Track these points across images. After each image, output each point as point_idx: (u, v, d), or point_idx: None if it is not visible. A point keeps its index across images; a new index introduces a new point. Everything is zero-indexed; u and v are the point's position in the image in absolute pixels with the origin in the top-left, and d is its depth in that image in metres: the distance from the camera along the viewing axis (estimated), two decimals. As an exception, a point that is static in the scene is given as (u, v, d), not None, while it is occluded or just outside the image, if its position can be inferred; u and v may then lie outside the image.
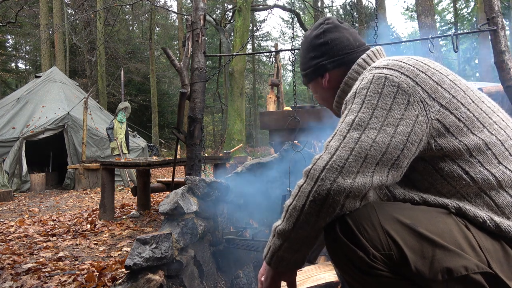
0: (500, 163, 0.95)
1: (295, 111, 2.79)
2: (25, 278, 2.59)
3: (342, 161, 0.88)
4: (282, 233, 0.96)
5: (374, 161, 0.89)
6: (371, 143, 0.89)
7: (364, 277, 0.89)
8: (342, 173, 0.87)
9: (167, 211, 2.06)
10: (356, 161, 0.88)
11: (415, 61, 1.03)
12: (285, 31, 32.89)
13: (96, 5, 14.75)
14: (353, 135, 0.91)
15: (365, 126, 0.92)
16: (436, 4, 25.12)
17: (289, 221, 0.94)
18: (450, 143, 0.95)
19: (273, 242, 1.01)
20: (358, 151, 0.89)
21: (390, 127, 0.91)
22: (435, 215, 0.91)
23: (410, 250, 0.85)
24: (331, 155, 0.90)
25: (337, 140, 0.93)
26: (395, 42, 4.90)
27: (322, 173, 0.88)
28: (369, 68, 1.06)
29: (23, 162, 8.52)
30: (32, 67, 22.55)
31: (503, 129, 1.00)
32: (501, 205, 0.93)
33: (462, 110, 0.97)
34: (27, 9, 15.69)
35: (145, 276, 1.76)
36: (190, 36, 3.20)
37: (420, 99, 0.94)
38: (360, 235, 0.88)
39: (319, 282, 1.78)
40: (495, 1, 2.67)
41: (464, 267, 0.83)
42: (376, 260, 0.87)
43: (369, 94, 0.96)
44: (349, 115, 0.96)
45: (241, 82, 14.69)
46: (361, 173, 0.88)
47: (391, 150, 0.90)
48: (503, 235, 0.90)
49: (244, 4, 14.32)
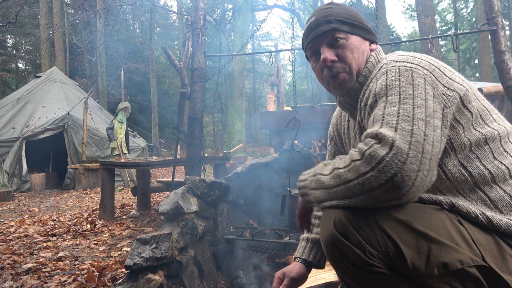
0: (495, 158, 0.98)
1: (295, 111, 2.79)
2: (25, 278, 2.59)
3: (403, 156, 0.81)
4: (323, 183, 0.93)
5: (429, 156, 0.84)
6: (424, 136, 0.85)
7: (361, 275, 0.90)
8: (403, 170, 0.80)
9: (167, 211, 2.07)
10: (416, 157, 0.81)
11: (427, 57, 1.04)
12: (285, 31, 32.89)
13: (96, 5, 14.75)
14: (405, 127, 0.85)
15: (412, 116, 0.87)
16: (436, 4, 25.11)
17: (332, 180, 0.90)
18: (458, 136, 0.97)
19: (310, 179, 0.98)
20: (416, 145, 0.83)
21: (431, 119, 0.88)
22: (429, 211, 0.93)
23: (406, 246, 0.86)
24: (390, 146, 0.82)
25: (390, 130, 0.85)
26: (395, 42, 4.90)
27: (381, 164, 0.81)
28: (387, 62, 1.03)
29: (23, 162, 8.51)
30: (32, 67, 22.53)
31: (502, 125, 1.03)
32: (494, 199, 0.96)
33: (473, 104, 1.00)
34: (27, 9, 15.69)
35: (145, 276, 1.76)
36: (190, 36, 3.20)
37: (442, 92, 0.95)
38: (356, 233, 0.88)
39: (319, 282, 1.78)
40: (495, 1, 2.67)
41: (459, 261, 0.85)
42: (373, 257, 0.88)
43: (403, 85, 0.93)
44: (389, 106, 0.91)
45: (241, 82, 14.69)
46: (421, 171, 0.81)
47: (436, 144, 0.87)
48: (495, 229, 0.92)
49: (244, 4, 14.32)
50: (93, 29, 16.41)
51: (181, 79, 3.31)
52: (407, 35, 31.80)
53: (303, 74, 24.99)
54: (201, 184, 2.30)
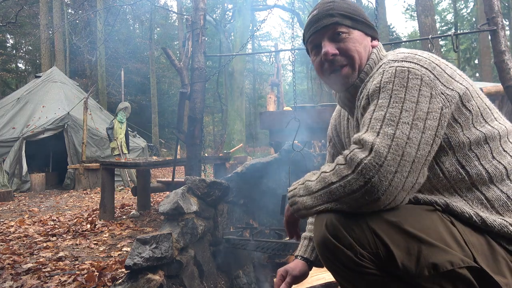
0: (494, 158, 0.97)
1: (295, 111, 2.79)
2: (25, 278, 2.59)
3: (381, 159, 0.84)
4: (309, 189, 0.97)
5: (410, 159, 0.86)
6: (406, 140, 0.87)
7: (352, 275, 0.91)
8: (379, 173, 0.84)
9: (167, 211, 2.06)
10: (394, 160, 0.84)
11: (428, 54, 1.03)
12: (285, 31, 32.88)
13: (96, 5, 14.74)
14: (388, 131, 0.88)
15: (397, 121, 0.89)
16: (436, 4, 25.11)
17: (317, 184, 0.94)
18: (456, 135, 0.96)
19: (299, 187, 1.01)
20: (396, 148, 0.86)
21: (420, 122, 0.89)
22: (420, 212, 0.93)
23: (396, 248, 0.86)
24: (369, 150, 0.86)
25: (372, 135, 0.89)
26: (395, 42, 4.90)
27: (359, 167, 0.86)
28: (386, 61, 1.03)
29: (23, 162, 8.51)
30: (32, 67, 22.53)
31: (503, 124, 1.02)
32: (491, 199, 0.95)
33: (472, 103, 0.99)
34: (27, 9, 15.66)
35: (145, 276, 1.76)
36: (190, 36, 3.21)
37: (441, 92, 0.94)
38: (347, 235, 0.89)
39: (319, 282, 1.78)
40: (495, 1, 2.67)
41: (449, 262, 0.85)
42: (364, 258, 0.88)
43: (395, 88, 0.93)
44: (378, 110, 0.93)
45: (241, 82, 14.69)
46: (399, 173, 0.84)
47: (423, 146, 0.88)
48: (488, 230, 0.92)
49: (244, 4, 14.33)
50: (93, 29, 16.41)
51: (181, 79, 3.31)
52: (407, 35, 31.80)
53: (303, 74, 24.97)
54: (201, 184, 2.30)
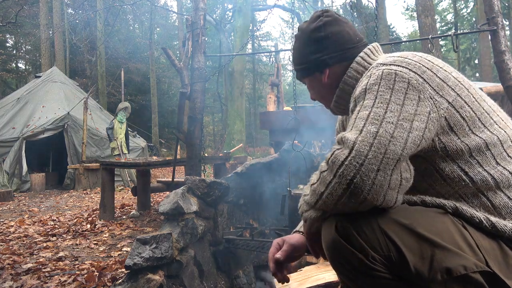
0: (498, 164, 0.95)
1: (295, 111, 2.79)
2: (25, 278, 2.59)
3: (361, 157, 0.83)
4: (308, 203, 0.96)
5: (395, 157, 0.84)
6: (389, 138, 0.85)
7: (363, 279, 0.89)
8: (361, 172, 0.82)
9: (167, 211, 2.06)
10: (376, 158, 0.83)
11: (420, 57, 1.02)
12: (285, 31, 32.87)
13: (96, 5, 14.74)
14: (370, 129, 0.87)
15: (381, 120, 0.88)
16: (436, 4, 25.11)
17: (312, 197, 0.93)
18: (453, 142, 0.95)
19: (303, 203, 1.00)
20: (378, 146, 0.84)
21: (406, 122, 0.88)
22: (432, 215, 0.91)
23: (409, 251, 0.84)
24: (350, 149, 0.85)
25: (354, 133, 0.88)
26: (395, 42, 4.91)
27: (340, 169, 0.84)
28: (375, 65, 1.03)
29: (23, 162, 8.51)
30: (32, 67, 22.53)
31: (503, 129, 0.99)
32: (498, 206, 0.93)
33: (466, 109, 0.97)
34: (27, 9, 15.66)
35: (145, 276, 1.76)
36: (190, 36, 3.20)
37: (430, 96, 0.93)
38: (359, 237, 0.87)
39: (319, 282, 1.79)
40: (495, 1, 2.67)
41: (463, 267, 0.83)
42: (375, 261, 0.86)
43: (381, 90, 0.93)
44: (363, 110, 0.93)
45: (241, 82, 14.69)
46: (381, 171, 0.83)
47: (410, 145, 0.87)
48: (499, 235, 0.90)
49: (244, 4, 14.33)
50: (93, 29, 16.41)
51: (181, 79, 3.31)
52: (407, 35, 31.77)
53: (303, 74, 24.87)
54: (201, 184, 2.30)
